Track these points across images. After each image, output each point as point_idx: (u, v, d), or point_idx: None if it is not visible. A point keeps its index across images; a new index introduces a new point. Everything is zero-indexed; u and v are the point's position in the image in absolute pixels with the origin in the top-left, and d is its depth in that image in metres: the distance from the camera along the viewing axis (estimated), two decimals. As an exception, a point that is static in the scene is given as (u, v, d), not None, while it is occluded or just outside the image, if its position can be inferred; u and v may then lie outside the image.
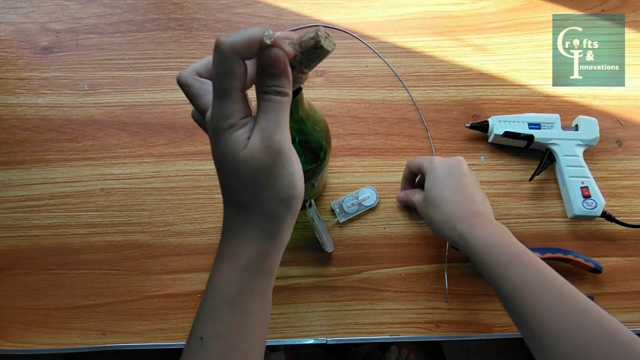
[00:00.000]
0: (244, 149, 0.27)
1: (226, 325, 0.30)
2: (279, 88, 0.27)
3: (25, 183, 0.58)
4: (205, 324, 0.31)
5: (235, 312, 0.30)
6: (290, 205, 0.30)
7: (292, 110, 0.36)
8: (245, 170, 0.28)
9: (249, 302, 0.31)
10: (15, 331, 0.55)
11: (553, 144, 0.58)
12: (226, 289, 0.30)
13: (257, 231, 0.30)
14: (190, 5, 0.65)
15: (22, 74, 0.62)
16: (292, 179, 0.29)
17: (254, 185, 0.28)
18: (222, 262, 0.31)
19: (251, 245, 0.30)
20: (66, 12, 0.64)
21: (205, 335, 0.30)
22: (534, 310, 0.39)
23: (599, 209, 0.55)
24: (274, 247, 0.31)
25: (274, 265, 0.32)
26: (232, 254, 0.31)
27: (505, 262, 0.42)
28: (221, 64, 0.26)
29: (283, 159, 0.28)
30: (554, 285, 0.39)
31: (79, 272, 0.56)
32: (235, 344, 0.30)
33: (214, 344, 0.30)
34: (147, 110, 0.61)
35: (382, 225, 0.58)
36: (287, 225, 0.31)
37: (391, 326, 0.55)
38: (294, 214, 0.31)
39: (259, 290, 0.31)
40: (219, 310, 0.30)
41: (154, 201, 0.58)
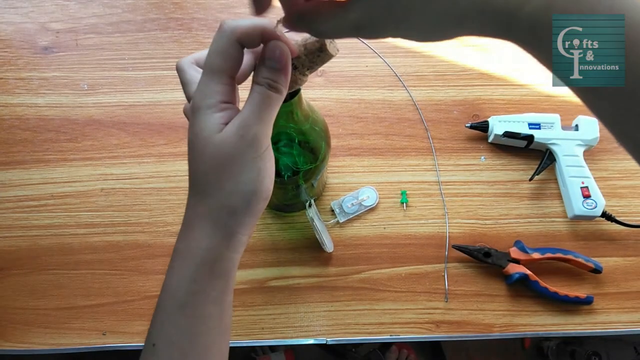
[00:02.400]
0: (218, 133, 0.26)
1: (178, 330, 0.29)
2: (274, 83, 0.26)
3: (25, 183, 0.58)
4: (157, 329, 0.29)
5: (187, 317, 0.28)
6: (250, 201, 0.28)
7: (291, 111, 0.36)
8: (213, 153, 0.27)
9: (201, 305, 0.29)
10: (15, 331, 0.55)
11: (553, 144, 0.57)
12: (177, 290, 0.29)
13: (211, 226, 0.28)
14: (190, 5, 0.65)
15: (22, 74, 0.62)
16: (258, 174, 0.27)
17: (218, 172, 0.27)
18: (175, 261, 0.29)
19: (204, 242, 0.28)
20: (66, 12, 0.64)
21: (157, 341, 0.29)
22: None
23: (599, 209, 0.55)
24: (227, 247, 0.28)
25: (229, 268, 0.29)
26: (185, 252, 0.29)
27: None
28: (217, 41, 0.26)
29: (254, 151, 0.27)
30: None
31: (79, 272, 0.56)
32: (188, 350, 0.29)
33: (167, 351, 0.28)
34: (147, 110, 0.61)
35: (382, 225, 0.58)
36: (245, 224, 0.28)
37: (391, 326, 0.55)
38: (253, 213, 0.28)
39: (211, 294, 0.29)
40: (169, 313, 0.29)
41: (154, 201, 0.58)
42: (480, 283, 0.56)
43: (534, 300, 0.55)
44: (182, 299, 0.28)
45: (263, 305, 0.55)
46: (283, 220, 0.58)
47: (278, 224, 0.58)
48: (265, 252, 0.56)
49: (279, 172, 0.44)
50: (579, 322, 0.55)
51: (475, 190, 0.58)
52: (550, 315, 0.55)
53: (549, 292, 0.53)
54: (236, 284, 0.55)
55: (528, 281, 0.54)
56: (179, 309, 0.28)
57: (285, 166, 0.44)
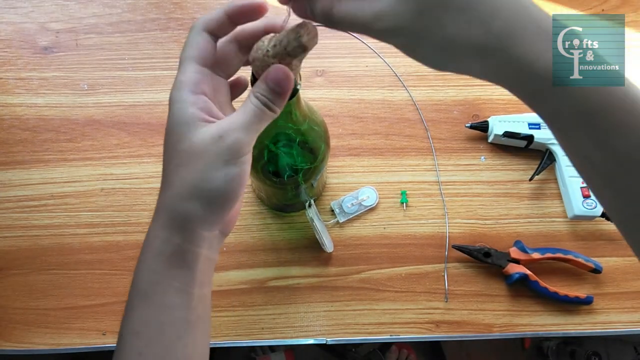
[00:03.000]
0: (195, 129, 0.27)
1: (141, 319, 0.28)
2: (271, 103, 0.27)
3: (24, 183, 0.58)
4: (124, 319, 0.29)
5: (149, 306, 0.28)
6: (212, 200, 0.27)
7: (290, 111, 0.36)
8: (186, 148, 0.27)
9: (161, 294, 0.28)
10: (15, 331, 0.55)
11: (553, 143, 0.57)
12: (139, 280, 0.29)
13: (168, 218, 0.28)
14: (190, 5, 0.65)
15: (22, 74, 0.62)
16: (225, 176, 0.27)
17: (187, 166, 0.27)
18: (141, 251, 0.29)
19: (160, 233, 0.28)
20: (66, 12, 0.64)
21: (124, 332, 0.29)
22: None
23: (599, 209, 0.55)
24: (185, 240, 0.28)
25: (191, 260, 0.29)
26: (145, 242, 0.29)
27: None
28: (189, 35, 0.28)
29: (229, 155, 0.27)
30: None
31: (79, 272, 0.56)
32: (153, 338, 0.28)
33: (131, 341, 0.28)
34: (147, 110, 0.61)
35: (382, 225, 0.58)
36: (206, 221, 0.28)
37: (391, 326, 0.55)
38: (215, 212, 0.28)
39: (173, 284, 0.28)
40: (133, 303, 0.29)
41: (154, 201, 0.57)
42: (480, 283, 0.56)
43: (534, 300, 0.55)
44: (143, 288, 0.29)
45: (263, 305, 0.55)
46: (283, 220, 0.58)
47: (278, 224, 0.58)
48: (265, 252, 0.56)
49: (278, 172, 0.44)
50: (579, 322, 0.55)
51: (475, 190, 0.58)
52: (550, 315, 0.55)
53: (549, 292, 0.53)
54: (236, 284, 0.55)
55: (528, 281, 0.54)
56: (141, 299, 0.29)
57: (285, 166, 0.44)
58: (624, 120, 0.23)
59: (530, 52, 0.23)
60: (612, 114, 0.23)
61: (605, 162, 0.24)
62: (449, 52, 0.24)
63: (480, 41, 0.23)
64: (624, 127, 0.23)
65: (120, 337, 0.29)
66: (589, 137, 0.24)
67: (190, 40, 0.28)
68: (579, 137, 0.24)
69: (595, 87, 0.24)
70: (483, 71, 0.25)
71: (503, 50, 0.23)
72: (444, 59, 0.25)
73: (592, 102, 0.23)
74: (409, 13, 0.23)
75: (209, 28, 0.28)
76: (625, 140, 0.23)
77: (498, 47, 0.23)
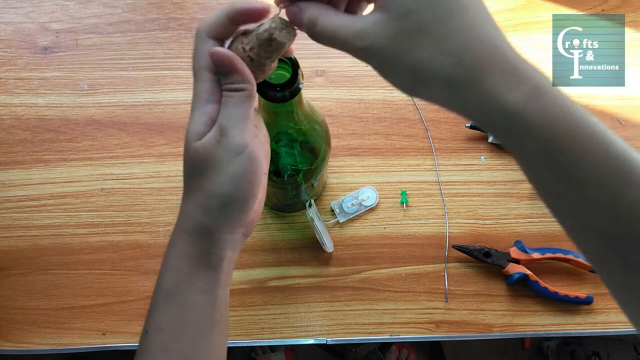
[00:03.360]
0: (200, 137, 0.28)
1: (167, 317, 0.30)
2: (231, 85, 0.28)
3: (24, 183, 0.58)
4: (149, 317, 0.31)
5: (174, 304, 0.30)
6: (226, 203, 0.28)
7: (292, 111, 0.36)
8: (193, 156, 0.28)
9: (186, 293, 0.30)
10: (15, 331, 0.55)
11: (553, 144, 0.57)
12: (164, 279, 0.30)
13: (191, 221, 0.29)
14: (190, 5, 0.65)
15: (22, 74, 0.62)
16: (232, 177, 0.28)
17: (199, 174, 0.29)
18: (166, 254, 0.31)
19: (184, 235, 0.30)
20: (66, 12, 0.64)
21: (149, 328, 0.30)
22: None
23: (599, 209, 0.55)
24: (209, 244, 0.29)
25: (215, 262, 0.30)
26: (172, 243, 0.30)
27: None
28: (194, 44, 0.28)
29: (230, 154, 0.28)
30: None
31: (78, 272, 0.56)
32: (178, 335, 0.30)
33: (157, 336, 0.30)
34: (147, 110, 0.61)
35: (382, 225, 0.58)
36: (226, 224, 0.29)
37: (391, 326, 0.55)
38: (232, 215, 0.29)
39: (197, 284, 0.30)
40: (159, 302, 0.30)
41: (154, 201, 0.58)
42: (480, 283, 0.56)
43: (534, 300, 0.55)
44: (169, 288, 0.30)
45: (263, 305, 0.55)
46: (283, 220, 0.58)
47: (278, 224, 0.58)
48: (265, 252, 0.57)
49: (279, 172, 0.44)
50: (579, 322, 0.55)
51: (475, 190, 0.58)
52: (550, 315, 0.55)
53: (549, 292, 0.53)
54: (236, 284, 0.55)
55: (528, 281, 0.54)
56: (167, 298, 0.30)
57: (285, 166, 0.44)
58: (590, 157, 0.24)
59: (499, 89, 0.24)
60: (578, 150, 0.24)
61: (570, 196, 0.25)
62: (418, 78, 0.25)
63: (450, 72, 0.24)
64: (591, 164, 0.24)
65: (145, 334, 0.30)
66: (556, 172, 0.25)
67: (198, 50, 0.28)
68: (545, 172, 0.25)
69: (563, 125, 0.24)
70: (451, 102, 0.25)
71: (472, 84, 0.24)
72: (414, 85, 0.25)
73: (560, 139, 0.24)
74: (387, 35, 0.24)
75: (214, 34, 0.28)
76: (591, 176, 0.24)
77: (468, 80, 0.24)
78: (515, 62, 0.24)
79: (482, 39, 0.24)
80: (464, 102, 0.25)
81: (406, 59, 0.24)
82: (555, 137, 0.24)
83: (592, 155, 0.24)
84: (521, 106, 0.23)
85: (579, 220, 0.25)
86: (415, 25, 0.24)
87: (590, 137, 0.24)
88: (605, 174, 0.24)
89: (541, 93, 0.24)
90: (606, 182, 0.24)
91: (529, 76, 0.24)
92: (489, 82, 0.24)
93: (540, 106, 0.23)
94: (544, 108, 0.23)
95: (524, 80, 0.24)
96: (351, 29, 0.25)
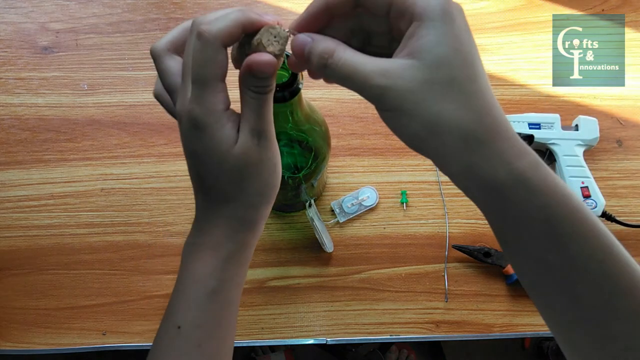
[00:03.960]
0: (236, 144, 0.27)
1: (206, 315, 0.31)
2: (266, 88, 0.27)
3: (24, 183, 0.58)
4: (183, 313, 0.31)
5: (216, 302, 0.31)
6: (270, 195, 0.30)
7: (292, 111, 0.36)
8: (234, 164, 0.28)
9: (228, 291, 0.31)
10: (15, 331, 0.55)
11: (553, 144, 0.57)
12: (209, 279, 0.30)
13: (239, 222, 0.30)
14: (190, 5, 0.65)
15: (22, 74, 0.62)
16: (274, 170, 0.29)
17: (240, 178, 0.28)
18: (201, 252, 0.31)
19: (234, 236, 0.30)
20: (66, 12, 0.64)
21: (183, 324, 0.30)
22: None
23: (599, 209, 0.55)
24: (253, 236, 0.31)
25: (251, 254, 0.33)
26: (214, 245, 0.30)
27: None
28: (202, 51, 0.25)
29: (269, 151, 0.28)
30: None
31: (78, 272, 0.56)
32: (213, 332, 0.31)
33: (193, 333, 0.30)
34: (147, 110, 0.61)
35: (382, 225, 0.58)
36: (265, 215, 0.31)
37: (391, 326, 0.55)
38: (271, 203, 0.31)
39: (237, 280, 0.32)
40: (199, 300, 0.30)
41: (154, 201, 0.58)
42: (480, 283, 0.56)
43: (534, 300, 0.55)
44: (213, 287, 0.30)
45: (263, 305, 0.55)
46: (283, 220, 0.58)
47: (278, 224, 0.58)
48: (265, 252, 0.57)
49: (279, 172, 0.44)
50: (579, 322, 0.55)
51: (475, 190, 0.58)
52: (550, 315, 0.55)
53: (549, 292, 0.53)
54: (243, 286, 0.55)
55: (528, 281, 0.54)
56: (209, 295, 0.30)
57: (285, 166, 0.44)
58: (577, 229, 0.26)
59: (508, 153, 0.25)
60: (568, 222, 0.26)
61: (562, 267, 0.26)
62: (434, 129, 0.25)
63: (472, 128, 0.24)
64: (578, 236, 0.26)
65: (176, 328, 0.30)
66: (551, 239, 0.26)
67: (212, 57, 0.25)
68: (541, 237, 0.26)
69: (555, 198, 0.26)
70: (460, 158, 0.25)
71: (488, 144, 0.25)
72: (427, 135, 0.25)
73: (559, 209, 0.26)
74: (415, 79, 0.24)
75: (227, 43, 0.26)
76: (578, 247, 0.26)
77: (485, 139, 0.25)
78: (515, 134, 0.26)
79: (494, 105, 0.26)
80: (474, 160, 0.25)
81: (429, 107, 0.24)
82: (557, 205, 0.26)
83: (583, 231, 0.26)
84: (529, 172, 0.25)
85: (564, 288, 0.27)
86: (447, 77, 0.24)
87: (580, 211, 0.26)
88: (593, 246, 0.26)
89: (540, 166, 0.26)
90: (593, 255, 0.26)
91: (529, 150, 0.26)
92: (500, 146, 0.25)
93: (543, 176, 0.25)
94: (546, 178, 0.25)
95: (527, 151, 0.25)
96: (374, 66, 0.25)
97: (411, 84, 0.24)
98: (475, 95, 0.25)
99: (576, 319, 0.28)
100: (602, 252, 0.26)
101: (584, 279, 0.26)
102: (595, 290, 0.26)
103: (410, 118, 0.25)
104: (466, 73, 0.24)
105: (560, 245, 0.26)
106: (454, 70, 0.24)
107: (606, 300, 0.26)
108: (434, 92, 0.24)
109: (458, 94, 0.24)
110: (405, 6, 0.24)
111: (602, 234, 0.27)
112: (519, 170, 0.25)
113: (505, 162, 0.25)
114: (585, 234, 0.26)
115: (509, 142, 0.25)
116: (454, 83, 0.24)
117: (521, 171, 0.25)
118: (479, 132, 0.25)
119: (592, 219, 0.26)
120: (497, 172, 0.25)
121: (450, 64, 0.24)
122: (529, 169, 0.25)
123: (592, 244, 0.26)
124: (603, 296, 0.26)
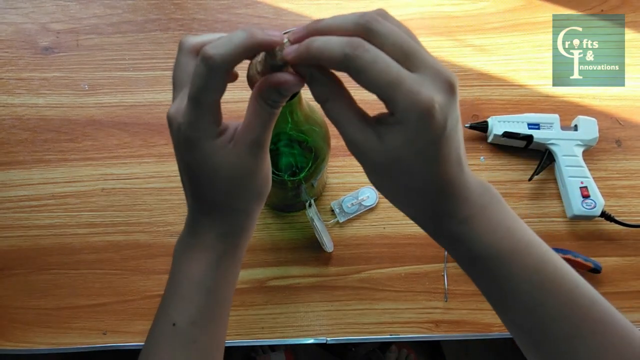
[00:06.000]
0: (229, 155, 0.28)
1: (201, 312, 0.32)
2: (278, 103, 0.27)
3: (25, 183, 0.59)
4: (178, 310, 0.32)
5: (211, 300, 0.32)
6: (262, 200, 0.32)
7: (291, 111, 0.36)
8: (227, 175, 0.28)
9: (222, 290, 0.32)
10: (15, 331, 0.55)
11: (552, 144, 0.58)
12: (203, 278, 0.31)
13: (231, 227, 0.31)
14: (191, 6, 0.65)
15: (23, 74, 0.62)
16: (267, 178, 0.31)
17: (233, 188, 0.29)
18: (194, 252, 0.32)
19: (226, 239, 0.31)
20: (67, 13, 0.64)
21: (178, 321, 0.31)
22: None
23: (598, 209, 0.55)
24: (245, 238, 0.33)
25: (243, 253, 0.34)
26: (207, 246, 0.31)
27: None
28: (207, 77, 0.25)
29: (264, 162, 0.29)
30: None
31: (79, 272, 0.56)
32: (207, 329, 0.32)
33: (188, 330, 0.31)
34: (148, 111, 0.61)
35: (382, 225, 0.58)
36: (256, 217, 0.33)
37: (391, 326, 0.55)
38: (261, 206, 0.33)
39: (230, 279, 0.33)
40: (193, 298, 0.31)
41: (154, 201, 0.58)
42: (480, 283, 0.56)
43: (533, 300, 0.55)
44: (208, 285, 0.31)
45: (263, 304, 0.55)
46: (283, 220, 0.58)
47: (278, 224, 0.58)
48: (265, 252, 0.57)
49: (279, 172, 0.44)
50: (578, 321, 0.55)
51: (474, 190, 0.58)
52: (549, 314, 0.55)
53: (549, 292, 0.54)
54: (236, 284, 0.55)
55: (527, 281, 0.54)
56: (204, 294, 0.31)
57: (285, 166, 0.44)
58: (557, 283, 0.32)
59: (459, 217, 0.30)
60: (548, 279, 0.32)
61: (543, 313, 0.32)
62: (397, 206, 0.33)
63: (479, 194, 0.33)
64: (557, 288, 0.32)
65: (171, 325, 0.31)
66: (532, 292, 0.32)
67: (216, 85, 0.25)
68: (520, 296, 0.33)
69: (532, 262, 0.32)
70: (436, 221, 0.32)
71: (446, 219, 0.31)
72: (406, 197, 0.32)
73: (530, 270, 0.32)
74: (377, 161, 0.28)
75: (232, 68, 0.25)
76: (555, 299, 0.32)
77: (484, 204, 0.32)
78: (465, 186, 0.32)
79: (450, 183, 0.31)
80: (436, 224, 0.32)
81: (390, 187, 0.31)
82: (527, 265, 0.33)
83: (554, 287, 0.33)
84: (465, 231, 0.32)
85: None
86: (405, 169, 0.28)
87: (556, 268, 0.33)
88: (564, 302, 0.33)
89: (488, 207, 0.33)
90: (568, 314, 0.32)
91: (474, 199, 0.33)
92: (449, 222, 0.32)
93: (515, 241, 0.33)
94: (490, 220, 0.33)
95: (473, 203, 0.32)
96: (351, 131, 0.28)
97: (377, 161, 0.28)
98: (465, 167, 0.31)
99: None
100: (573, 311, 0.33)
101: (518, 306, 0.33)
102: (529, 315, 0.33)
103: (377, 186, 0.31)
104: (425, 178, 0.28)
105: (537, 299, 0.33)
106: (413, 173, 0.28)
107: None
108: (392, 178, 0.29)
109: (416, 191, 0.30)
110: (388, 99, 0.27)
111: (576, 287, 0.33)
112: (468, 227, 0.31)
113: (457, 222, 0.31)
114: (557, 294, 0.33)
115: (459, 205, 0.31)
116: (413, 177, 0.28)
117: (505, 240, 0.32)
118: (485, 196, 0.33)
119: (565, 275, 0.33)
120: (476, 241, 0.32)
121: (410, 168, 0.27)
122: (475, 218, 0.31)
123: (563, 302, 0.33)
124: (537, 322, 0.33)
